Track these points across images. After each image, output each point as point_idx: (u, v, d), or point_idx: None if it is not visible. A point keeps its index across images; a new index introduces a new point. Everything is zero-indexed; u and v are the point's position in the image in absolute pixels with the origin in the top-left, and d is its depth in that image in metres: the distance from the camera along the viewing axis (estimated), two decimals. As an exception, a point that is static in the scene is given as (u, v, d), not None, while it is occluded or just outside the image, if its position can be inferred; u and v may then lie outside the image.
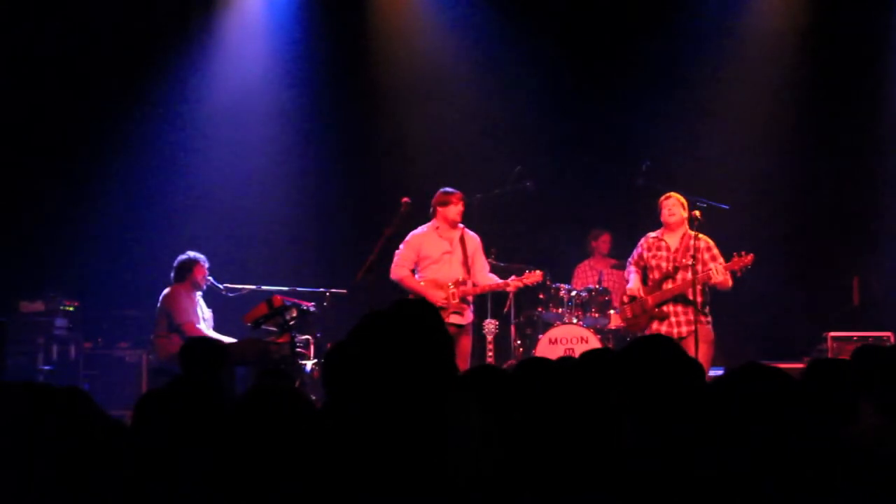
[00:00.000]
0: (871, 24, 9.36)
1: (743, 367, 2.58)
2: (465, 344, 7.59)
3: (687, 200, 7.50)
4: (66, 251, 9.20)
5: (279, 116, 9.97)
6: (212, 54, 9.89)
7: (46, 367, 8.67)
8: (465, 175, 8.89)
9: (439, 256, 7.61)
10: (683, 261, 7.26)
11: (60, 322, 8.84)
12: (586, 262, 9.66)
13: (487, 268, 7.89)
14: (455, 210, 7.64)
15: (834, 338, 8.04)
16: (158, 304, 7.95)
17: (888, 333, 7.93)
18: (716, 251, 7.28)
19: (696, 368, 2.94)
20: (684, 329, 7.18)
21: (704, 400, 2.59)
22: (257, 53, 10.01)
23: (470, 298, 7.71)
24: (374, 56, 10.05)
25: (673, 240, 7.40)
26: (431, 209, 7.73)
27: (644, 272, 7.58)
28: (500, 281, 7.80)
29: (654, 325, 7.33)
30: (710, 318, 7.28)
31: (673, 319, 7.27)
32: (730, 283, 7.16)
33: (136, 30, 9.45)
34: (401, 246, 7.70)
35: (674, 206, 7.39)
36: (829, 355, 7.84)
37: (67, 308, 8.91)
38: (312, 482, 2.28)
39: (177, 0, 9.88)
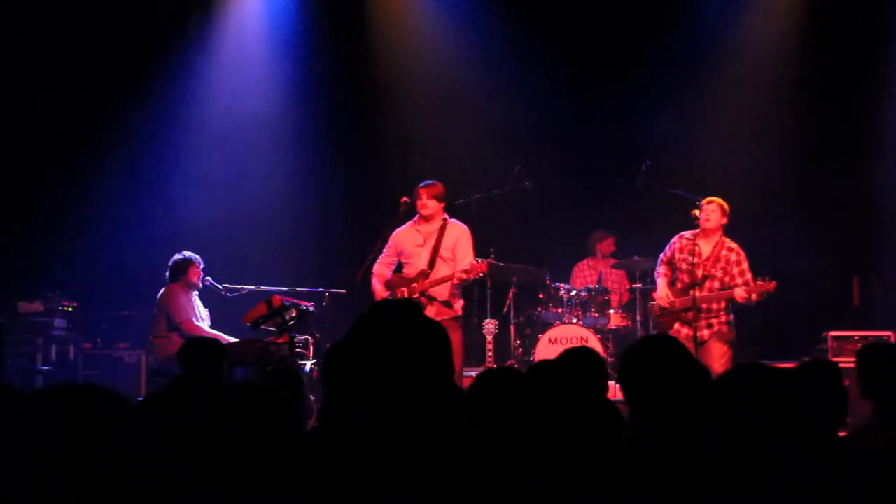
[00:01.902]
0: (871, 24, 9.35)
1: (741, 367, 2.58)
2: None
3: (690, 202, 7.58)
4: (65, 251, 9.20)
5: (279, 116, 9.96)
6: (211, 54, 9.89)
7: (45, 368, 8.67)
8: (465, 175, 8.88)
9: (411, 250, 7.51)
10: (713, 270, 7.36)
11: (59, 322, 8.84)
12: (585, 261, 9.66)
13: (468, 259, 7.41)
14: (419, 203, 7.45)
15: (834, 337, 8.03)
16: (156, 304, 7.95)
17: (888, 333, 7.92)
18: (745, 265, 7.39)
19: (697, 369, 2.93)
20: (706, 332, 7.34)
21: (704, 400, 2.59)
22: (257, 53, 10.01)
23: (446, 292, 7.36)
24: (374, 56, 10.04)
25: (706, 246, 7.45)
26: None
27: (672, 271, 7.69)
28: (450, 272, 7.36)
29: (677, 326, 7.46)
30: (731, 318, 7.45)
31: (694, 323, 7.34)
32: (754, 300, 7.28)
33: (135, 30, 9.45)
34: None
35: (713, 211, 7.43)
36: (830, 355, 7.84)
37: (66, 308, 8.90)
38: (310, 482, 2.27)
39: (176, 0, 9.88)
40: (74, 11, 9.26)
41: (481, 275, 7.46)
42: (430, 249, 7.42)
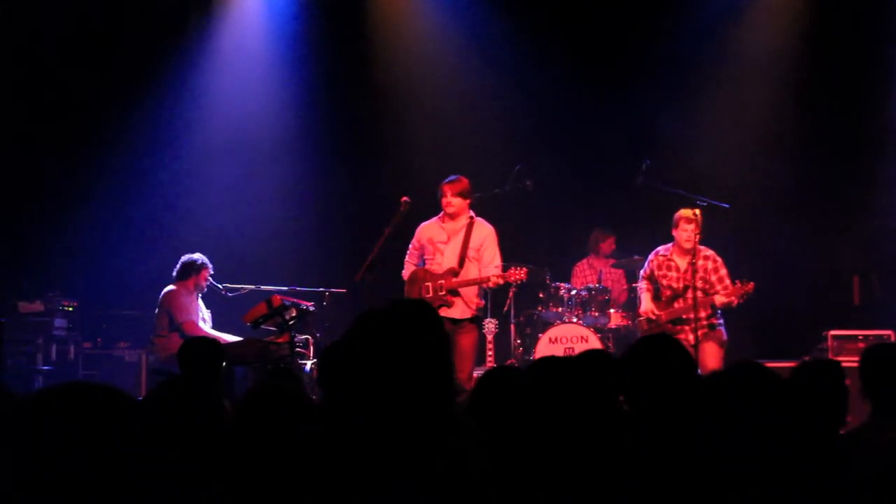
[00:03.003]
0: (871, 24, 9.34)
1: (737, 366, 2.58)
2: (463, 342, 7.15)
3: (690, 201, 7.66)
4: (65, 251, 9.19)
5: (279, 116, 9.96)
6: (211, 53, 9.89)
7: (45, 368, 8.67)
8: (464, 175, 8.87)
9: (433, 247, 7.51)
10: (693, 281, 7.47)
11: (59, 322, 8.84)
12: (585, 260, 9.66)
13: (496, 262, 7.43)
14: (444, 201, 7.45)
15: (834, 337, 8.03)
16: (158, 303, 7.94)
17: (888, 332, 7.93)
18: (723, 272, 7.61)
19: (695, 368, 2.94)
20: (700, 334, 7.41)
21: (701, 398, 2.58)
22: (257, 53, 10.01)
23: (472, 293, 7.37)
24: (374, 56, 10.04)
25: (682, 260, 7.68)
26: None
27: (654, 285, 7.89)
28: (482, 275, 7.36)
29: None
30: (720, 321, 7.66)
31: (687, 328, 7.50)
32: (734, 304, 7.49)
33: (135, 30, 9.45)
34: None
35: (693, 232, 7.53)
36: (830, 354, 7.84)
37: (66, 308, 8.90)
38: (312, 482, 2.27)
39: (176, 0, 9.88)
40: (75, 10, 9.26)
41: (520, 282, 7.52)
42: (459, 248, 7.40)
